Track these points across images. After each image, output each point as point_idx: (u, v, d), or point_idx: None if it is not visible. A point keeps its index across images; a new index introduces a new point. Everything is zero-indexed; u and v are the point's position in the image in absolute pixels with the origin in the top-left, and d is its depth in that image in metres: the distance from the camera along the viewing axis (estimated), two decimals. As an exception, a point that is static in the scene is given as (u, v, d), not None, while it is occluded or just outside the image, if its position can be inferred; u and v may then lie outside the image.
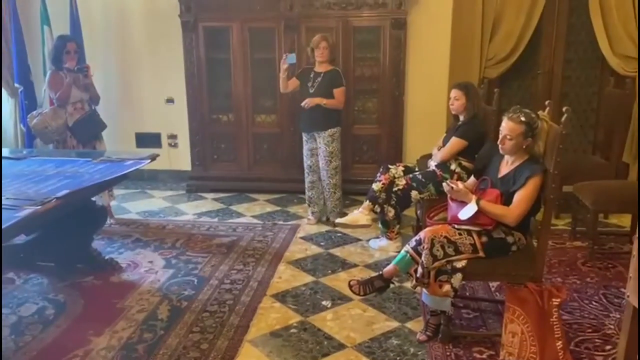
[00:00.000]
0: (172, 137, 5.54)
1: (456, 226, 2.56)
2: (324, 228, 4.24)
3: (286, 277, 3.37)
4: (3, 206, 2.36)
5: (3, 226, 2.12)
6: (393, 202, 3.61)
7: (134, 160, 3.34)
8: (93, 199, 3.58)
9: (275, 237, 4.03)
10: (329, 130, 4.13)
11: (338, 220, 3.86)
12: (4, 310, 2.92)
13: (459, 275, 2.48)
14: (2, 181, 2.89)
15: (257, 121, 5.18)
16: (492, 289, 3.20)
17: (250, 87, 5.06)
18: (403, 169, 3.73)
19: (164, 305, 2.99)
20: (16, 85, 5.06)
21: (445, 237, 2.50)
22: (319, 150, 4.22)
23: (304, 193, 4.51)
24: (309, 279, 3.34)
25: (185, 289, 3.19)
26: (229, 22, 4.94)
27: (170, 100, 5.43)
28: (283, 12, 4.83)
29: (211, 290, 3.18)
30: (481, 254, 2.51)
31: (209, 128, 5.21)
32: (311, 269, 3.49)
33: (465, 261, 2.49)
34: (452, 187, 2.61)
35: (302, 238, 4.03)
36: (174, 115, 5.41)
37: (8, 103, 5.24)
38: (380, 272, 2.68)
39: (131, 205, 4.85)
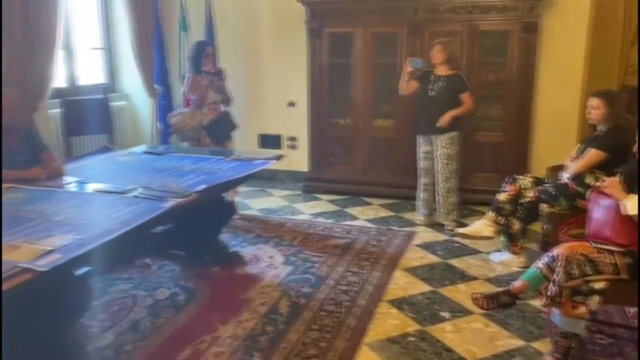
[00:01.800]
0: (292, 139, 5.73)
1: (596, 244, 2.38)
2: (441, 237, 4.14)
3: (402, 283, 3.34)
4: (151, 197, 2.59)
5: (152, 215, 2.32)
6: (519, 214, 3.44)
7: (262, 160, 3.51)
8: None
9: (390, 243, 4.00)
10: (448, 133, 4.09)
11: (459, 230, 3.75)
12: (141, 292, 3.19)
13: (596, 298, 2.30)
14: (146, 174, 3.17)
15: (374, 125, 5.20)
16: (629, 315, 2.93)
17: (370, 92, 5.11)
18: (532, 180, 3.53)
19: (284, 301, 3.09)
20: (155, 86, 5.52)
21: (583, 254, 2.33)
22: (436, 154, 4.18)
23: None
24: (426, 288, 3.28)
25: (303, 286, 3.27)
26: (352, 28, 5.02)
27: (291, 104, 5.62)
28: (407, 17, 4.81)
29: (328, 289, 3.23)
30: (624, 275, 2.31)
31: (327, 131, 5.32)
32: (428, 277, 3.42)
33: (604, 282, 2.30)
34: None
35: (417, 245, 3.97)
36: (295, 118, 5.59)
37: (147, 103, 5.74)
38: (507, 287, 2.56)
39: (252, 202, 5.08)
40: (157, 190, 2.68)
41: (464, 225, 4.16)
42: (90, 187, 2.84)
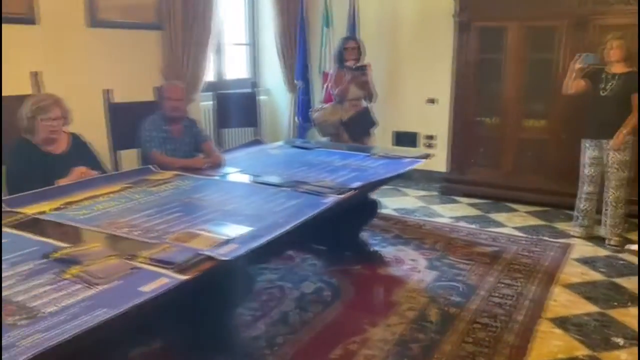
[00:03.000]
0: (429, 137, 5.55)
1: None
2: (602, 252, 3.74)
3: (563, 301, 3.04)
4: (310, 191, 2.58)
5: (317, 210, 2.30)
6: None
7: (410, 159, 3.39)
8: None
9: (544, 255, 3.69)
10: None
11: (632, 246, 3.36)
12: (288, 284, 3.21)
13: None
14: (299, 168, 3.18)
15: (524, 126, 4.85)
16: None
17: (521, 90, 4.76)
18: None
19: (432, 308, 2.94)
20: (296, 81, 5.61)
21: None
22: (606, 160, 3.79)
23: (571, 208, 4.08)
24: (591, 308, 2.95)
25: (451, 294, 3.10)
26: (505, 22, 4.70)
27: (431, 101, 5.43)
28: (570, 9, 4.41)
29: (479, 300, 3.03)
30: None
31: (470, 130, 5.05)
32: (592, 297, 3.08)
33: None
34: None
35: (576, 260, 3.61)
36: (434, 116, 5.40)
37: (286, 97, 5.86)
38: None
39: (387, 201, 4.96)
40: (315, 185, 2.67)
41: (628, 240, 3.73)
42: (250, 178, 2.91)
